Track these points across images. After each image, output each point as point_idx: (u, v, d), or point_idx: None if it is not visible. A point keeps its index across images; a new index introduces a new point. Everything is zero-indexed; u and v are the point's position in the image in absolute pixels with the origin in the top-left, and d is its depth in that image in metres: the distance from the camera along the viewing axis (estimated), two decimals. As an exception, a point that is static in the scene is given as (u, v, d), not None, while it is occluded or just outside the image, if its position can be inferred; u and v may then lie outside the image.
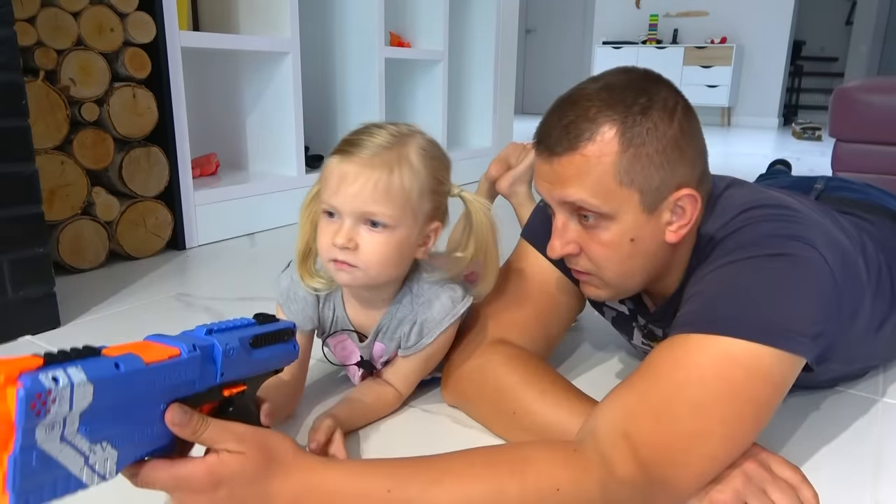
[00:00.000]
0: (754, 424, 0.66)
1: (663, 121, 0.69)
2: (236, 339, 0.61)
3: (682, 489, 0.65)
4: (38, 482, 0.47)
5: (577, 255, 0.76)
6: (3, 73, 1.09)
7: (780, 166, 2.19)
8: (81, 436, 0.49)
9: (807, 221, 0.73)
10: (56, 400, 0.45)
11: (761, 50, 6.78)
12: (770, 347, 0.64)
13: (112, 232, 1.64)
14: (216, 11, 2.13)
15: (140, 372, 0.52)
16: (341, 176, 0.76)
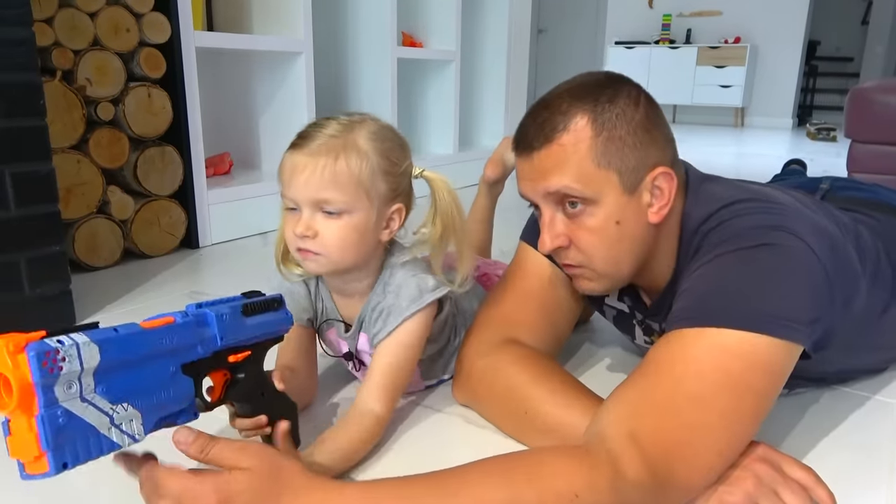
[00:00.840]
0: (754, 415, 0.66)
1: (629, 107, 0.74)
2: (227, 307, 0.66)
3: (690, 485, 0.65)
4: (69, 439, 0.50)
5: (567, 247, 0.78)
6: (22, 73, 1.11)
7: (795, 166, 2.17)
8: (100, 396, 0.52)
9: (790, 213, 0.75)
10: (65, 358, 0.49)
11: (775, 50, 6.73)
12: (764, 336, 0.65)
13: (127, 230, 1.66)
14: (230, 12, 2.14)
15: (138, 334, 0.57)
16: (292, 168, 0.78)
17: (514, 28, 3.06)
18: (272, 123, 2.17)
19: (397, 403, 0.86)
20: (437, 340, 0.95)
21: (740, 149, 4.88)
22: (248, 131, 2.23)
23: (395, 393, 0.85)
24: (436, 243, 0.86)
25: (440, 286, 0.86)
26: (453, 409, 0.94)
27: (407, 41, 2.69)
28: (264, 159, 2.21)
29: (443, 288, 0.86)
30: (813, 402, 0.97)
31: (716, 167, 3.69)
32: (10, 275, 1.14)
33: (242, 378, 0.69)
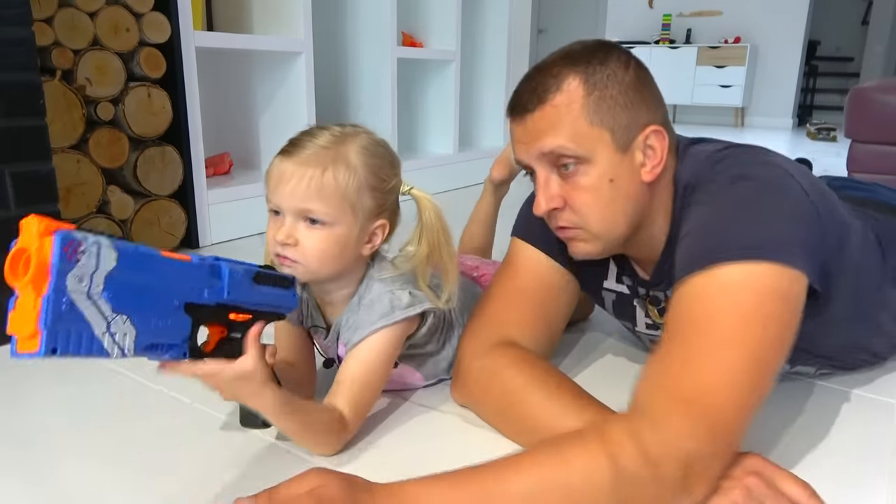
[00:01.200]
0: (779, 343, 0.66)
1: (620, 69, 0.76)
2: (241, 268, 0.69)
3: (738, 425, 0.63)
4: (65, 328, 0.52)
5: (562, 209, 0.79)
6: (22, 72, 1.11)
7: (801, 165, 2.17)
8: (105, 300, 0.54)
9: (778, 156, 0.77)
10: (86, 252, 0.52)
11: (775, 50, 6.73)
12: (765, 262, 0.65)
13: (127, 230, 1.66)
14: (230, 11, 2.14)
15: (156, 258, 0.59)
16: (279, 175, 0.79)
17: (514, 28, 3.06)
18: (272, 123, 2.17)
19: (364, 418, 0.85)
20: (426, 346, 0.95)
21: (740, 149, 4.88)
22: (247, 131, 2.23)
23: (360, 405, 0.83)
24: (421, 261, 0.86)
25: (415, 304, 0.85)
26: (452, 409, 0.94)
27: (407, 41, 2.69)
28: (264, 159, 2.21)
29: (418, 306, 0.85)
30: (811, 402, 0.97)
31: (716, 167, 3.69)
32: (9, 275, 1.14)
33: (237, 339, 0.70)
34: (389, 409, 0.95)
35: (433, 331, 0.93)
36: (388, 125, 2.47)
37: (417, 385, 1.00)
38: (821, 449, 0.85)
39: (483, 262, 1.23)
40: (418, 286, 0.87)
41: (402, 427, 0.90)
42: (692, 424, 0.61)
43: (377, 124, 2.46)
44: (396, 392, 0.99)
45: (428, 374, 0.99)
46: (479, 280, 1.13)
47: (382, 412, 0.93)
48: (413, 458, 0.83)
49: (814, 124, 5.62)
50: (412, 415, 0.93)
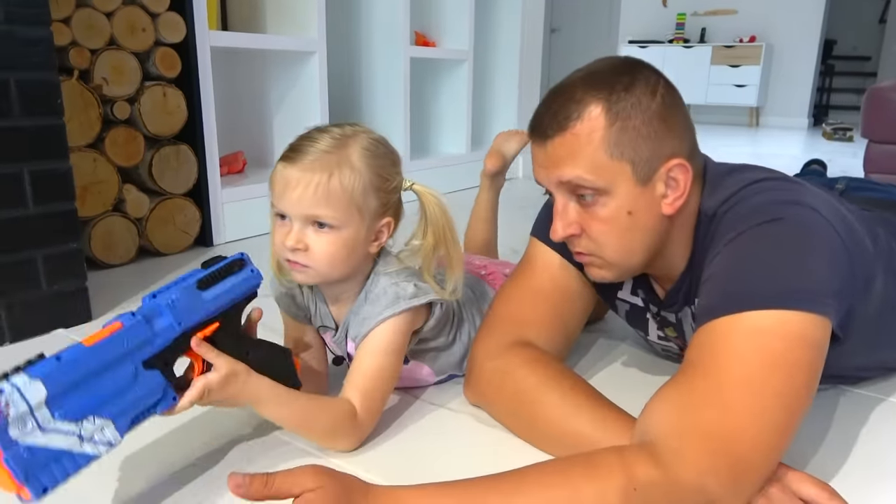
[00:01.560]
0: (806, 388, 0.65)
1: (646, 95, 0.73)
2: (178, 290, 0.68)
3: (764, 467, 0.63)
4: (41, 468, 0.54)
5: (579, 235, 0.78)
6: (41, 72, 1.12)
7: (815, 166, 2.14)
8: (60, 420, 0.56)
9: (808, 191, 0.74)
10: (9, 404, 0.53)
11: (791, 49, 6.66)
12: (795, 311, 0.65)
13: (142, 228, 1.67)
14: (244, 11, 2.15)
15: (81, 354, 0.59)
16: (284, 181, 0.79)
17: (526, 27, 3.05)
18: (285, 123, 2.18)
19: (379, 413, 0.85)
20: (436, 340, 0.95)
21: (755, 149, 4.85)
22: (261, 130, 2.24)
23: (373, 399, 0.83)
24: (427, 254, 0.87)
25: (420, 294, 0.85)
26: (464, 408, 0.95)
27: (420, 41, 2.69)
28: (277, 158, 2.22)
29: (422, 296, 0.85)
30: (823, 404, 0.96)
31: (730, 167, 3.66)
32: (28, 272, 1.16)
33: (221, 347, 0.71)
34: (401, 406, 0.95)
35: (442, 324, 0.94)
36: (400, 124, 2.48)
37: (428, 381, 1.00)
38: (850, 456, 0.84)
39: (491, 261, 1.23)
40: (423, 279, 0.88)
41: (413, 425, 0.90)
42: (714, 462, 0.61)
43: (389, 124, 2.49)
44: (408, 390, 0.99)
45: (439, 369, 0.99)
46: (487, 279, 1.13)
47: (394, 410, 0.94)
48: (424, 456, 0.84)
49: (830, 124, 5.56)
50: (424, 413, 0.94)
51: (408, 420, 0.91)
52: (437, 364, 0.98)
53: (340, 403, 0.80)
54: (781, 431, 0.63)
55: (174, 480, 0.77)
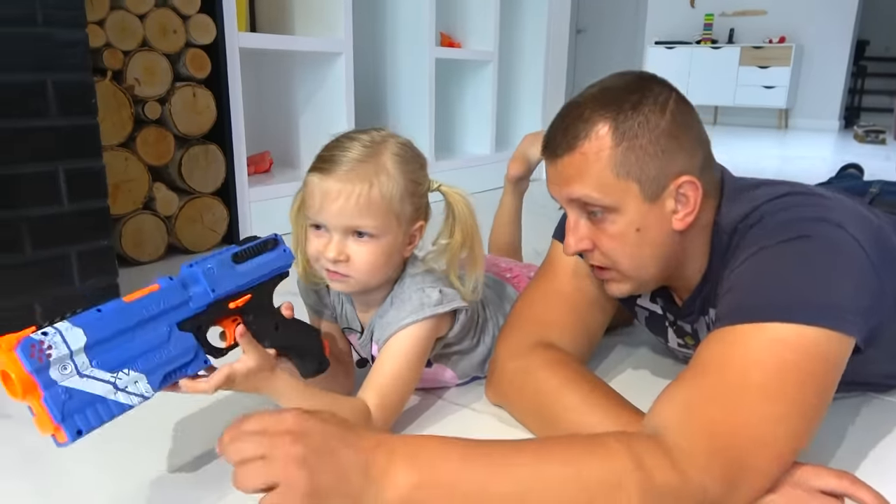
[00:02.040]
0: (819, 402, 0.65)
1: (654, 113, 0.73)
2: (214, 261, 0.71)
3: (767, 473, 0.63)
4: (77, 410, 0.57)
5: (591, 250, 0.79)
6: (77, 73, 1.15)
7: (852, 170, 2.10)
8: (97, 368, 0.59)
9: (833, 205, 0.74)
10: (51, 346, 0.56)
11: (822, 50, 6.55)
12: (816, 327, 0.64)
13: (171, 226, 1.70)
14: (272, 13, 2.18)
15: (120, 308, 0.63)
16: (323, 194, 0.79)
17: (552, 28, 3.05)
18: (311, 123, 2.20)
19: (395, 416, 0.85)
20: (461, 343, 0.96)
21: (784, 151, 4.77)
22: (287, 130, 2.27)
23: (390, 402, 0.83)
24: (454, 254, 0.88)
25: (444, 302, 0.86)
26: (486, 408, 0.95)
27: (445, 41, 2.70)
28: (303, 158, 2.25)
29: (447, 304, 0.86)
30: (848, 410, 0.95)
31: (759, 171, 3.60)
32: (62, 268, 1.19)
33: (252, 319, 0.74)
34: (423, 406, 0.96)
35: (466, 329, 0.94)
36: (425, 125, 2.49)
37: (451, 384, 1.01)
38: (875, 462, 0.83)
39: (516, 263, 1.23)
40: (449, 282, 0.88)
41: (435, 425, 0.91)
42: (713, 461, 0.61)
43: (415, 124, 2.50)
44: (430, 390, 1.00)
45: (461, 372, 1.00)
46: (511, 281, 1.14)
47: (416, 409, 0.95)
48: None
49: (861, 126, 5.45)
50: (445, 413, 0.94)
51: (429, 420, 0.92)
52: (459, 367, 0.99)
53: (355, 403, 0.81)
54: (788, 439, 0.63)
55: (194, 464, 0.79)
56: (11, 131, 1.09)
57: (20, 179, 1.11)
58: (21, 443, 0.85)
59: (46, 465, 0.81)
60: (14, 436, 0.87)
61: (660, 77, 0.77)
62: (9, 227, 1.11)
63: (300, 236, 0.88)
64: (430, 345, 0.88)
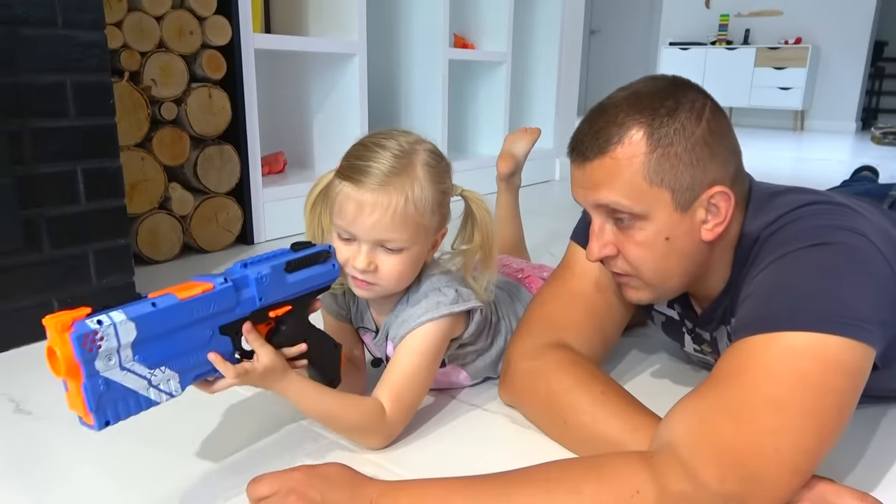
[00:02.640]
0: (838, 414, 0.63)
1: (690, 121, 0.71)
2: (268, 267, 0.71)
3: (781, 486, 0.62)
4: (111, 401, 0.59)
5: (615, 256, 0.77)
6: (95, 74, 1.17)
7: (866, 172, 2.08)
8: (138, 363, 0.60)
9: (855, 215, 0.72)
10: (104, 337, 0.57)
11: (839, 51, 6.48)
12: (834, 336, 0.63)
13: (186, 226, 1.72)
14: (287, 15, 2.19)
15: (175, 306, 0.63)
16: (357, 206, 0.78)
17: (566, 29, 3.04)
18: (326, 124, 2.21)
19: (410, 414, 0.86)
20: (475, 344, 0.96)
21: (800, 153, 4.73)
22: (301, 131, 2.28)
23: (406, 400, 0.83)
24: (471, 256, 0.88)
25: (460, 301, 0.86)
26: (499, 409, 0.95)
27: (458, 42, 2.71)
28: (317, 159, 2.26)
29: (463, 303, 0.86)
30: (865, 421, 0.94)
31: (775, 173, 3.57)
32: (79, 266, 1.21)
33: (284, 328, 0.74)
34: (436, 406, 0.96)
35: (481, 329, 0.94)
36: (438, 126, 2.49)
37: (464, 385, 1.01)
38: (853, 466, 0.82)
39: (528, 264, 1.24)
40: (465, 283, 0.89)
41: (448, 425, 0.91)
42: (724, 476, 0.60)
43: (428, 125, 2.50)
44: (444, 390, 1.00)
45: (474, 373, 1.00)
46: (523, 282, 1.14)
47: (429, 409, 0.95)
48: (457, 456, 0.84)
49: (879, 128, 5.39)
50: (459, 413, 0.95)
51: (443, 419, 0.92)
52: (473, 368, 0.99)
53: (370, 402, 0.81)
54: (804, 452, 0.62)
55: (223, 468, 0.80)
56: (31, 131, 1.11)
57: (39, 179, 1.13)
58: (39, 439, 0.87)
59: (63, 462, 0.82)
60: (33, 432, 0.89)
61: (694, 83, 0.75)
62: (28, 225, 1.13)
63: (316, 233, 0.88)
64: (445, 343, 0.88)
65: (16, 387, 1.01)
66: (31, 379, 1.03)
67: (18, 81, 1.08)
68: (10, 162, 1.07)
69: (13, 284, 1.13)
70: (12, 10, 1.06)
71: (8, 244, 1.10)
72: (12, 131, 1.08)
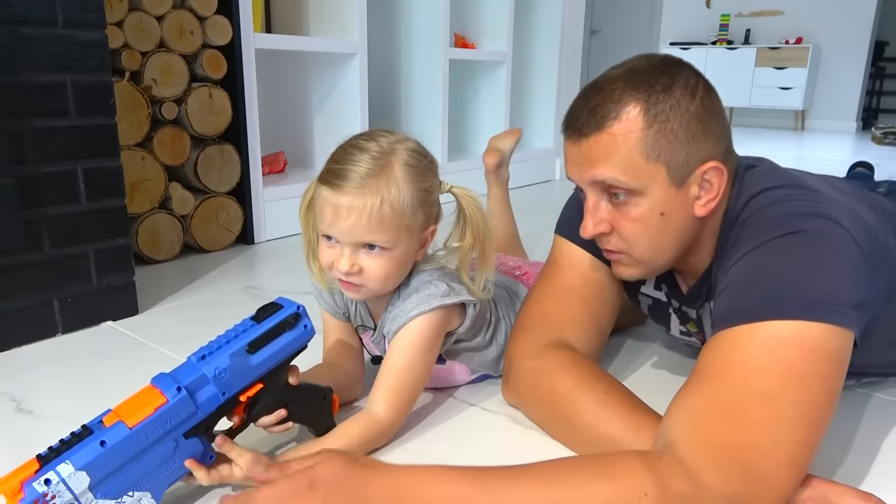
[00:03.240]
0: (826, 400, 0.64)
1: (685, 98, 0.72)
2: (227, 357, 0.67)
3: (781, 484, 0.62)
4: None
5: (609, 233, 0.78)
6: (96, 74, 1.17)
7: (861, 169, 2.08)
8: (102, 499, 0.58)
9: (825, 199, 0.73)
10: (55, 496, 0.55)
11: (840, 51, 6.48)
12: (816, 322, 0.64)
13: (186, 225, 1.72)
14: (288, 14, 2.19)
15: (125, 439, 0.60)
16: (334, 209, 0.78)
17: (566, 29, 3.04)
18: (326, 123, 2.21)
19: (408, 409, 0.85)
20: (472, 340, 0.96)
21: (801, 153, 4.73)
22: (302, 131, 2.28)
23: (402, 395, 0.83)
24: (465, 255, 0.88)
25: (452, 294, 0.86)
26: (499, 408, 0.95)
27: (459, 42, 2.71)
28: (317, 159, 2.26)
29: (455, 296, 0.86)
30: (868, 414, 0.94)
31: (773, 171, 3.57)
32: (80, 265, 1.21)
33: (261, 401, 0.72)
34: (435, 405, 0.96)
35: (478, 325, 0.94)
36: (438, 126, 2.49)
37: (463, 380, 1.01)
38: (884, 465, 0.83)
39: (525, 261, 1.24)
40: (459, 279, 0.89)
41: (446, 423, 0.91)
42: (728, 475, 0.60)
43: (428, 125, 2.50)
44: (442, 389, 1.00)
45: (474, 368, 1.00)
46: (521, 279, 1.14)
47: (428, 407, 0.95)
48: (457, 455, 0.84)
49: (879, 128, 5.39)
50: (458, 412, 0.95)
51: (442, 419, 0.92)
52: (472, 363, 0.99)
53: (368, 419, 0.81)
54: (800, 443, 0.62)
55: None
56: (32, 131, 1.11)
57: (40, 178, 1.13)
58: (40, 439, 0.87)
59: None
60: (33, 432, 0.89)
61: (687, 62, 0.76)
62: (28, 225, 1.13)
63: (311, 238, 0.88)
64: (439, 336, 0.88)
65: (16, 386, 1.01)
66: (31, 378, 1.03)
67: (19, 81, 1.08)
68: (10, 161, 1.07)
69: (13, 284, 1.13)
70: (13, 10, 1.06)
71: (8, 244, 1.10)
72: (13, 131, 1.08)
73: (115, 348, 1.15)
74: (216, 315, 1.32)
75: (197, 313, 1.33)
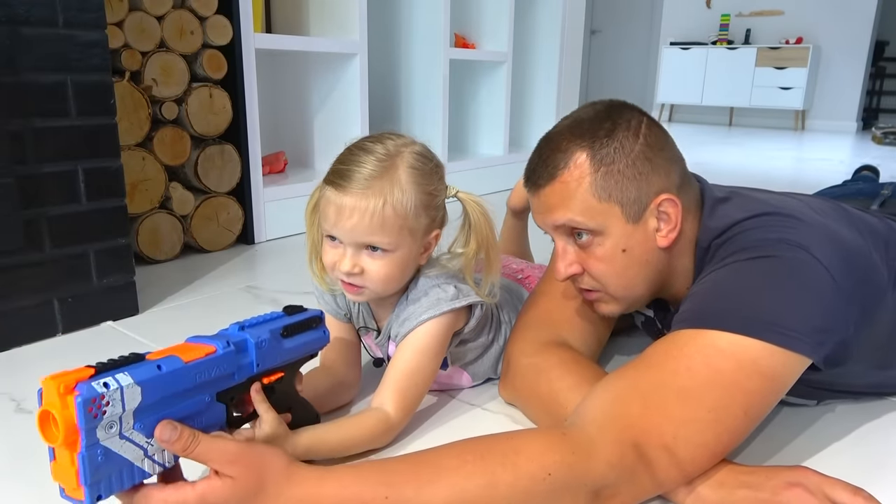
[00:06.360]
0: (745, 414, 0.67)
1: (628, 139, 0.77)
2: (267, 331, 0.69)
3: (670, 475, 0.66)
4: (105, 474, 0.54)
5: (581, 274, 0.82)
6: (96, 74, 1.17)
7: (866, 172, 2.08)
8: (138, 431, 0.56)
9: (801, 226, 0.75)
10: (109, 402, 0.53)
11: (840, 51, 6.48)
12: (758, 340, 0.66)
13: (186, 225, 1.72)
14: (288, 14, 2.19)
15: (181, 370, 0.59)
16: (337, 210, 0.79)
17: (566, 29, 3.04)
18: (326, 124, 2.21)
19: (413, 412, 0.86)
20: (476, 340, 0.96)
21: (801, 153, 4.72)
22: (302, 131, 2.28)
23: (409, 397, 0.84)
24: (469, 259, 0.88)
25: (460, 297, 0.86)
26: (499, 408, 0.95)
27: (459, 42, 2.71)
28: (318, 159, 2.26)
29: (463, 299, 0.86)
30: (864, 414, 0.94)
31: (775, 173, 3.57)
32: (80, 265, 1.21)
33: (273, 395, 0.72)
34: (437, 406, 0.96)
35: (482, 326, 0.94)
36: (438, 126, 2.49)
37: (465, 386, 1.01)
38: (878, 463, 0.83)
39: (528, 264, 1.24)
40: (464, 282, 0.89)
41: (447, 424, 0.91)
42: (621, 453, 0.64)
43: (428, 125, 2.50)
44: (444, 390, 1.00)
45: (476, 374, 1.00)
46: (523, 282, 1.14)
47: (429, 408, 0.95)
48: (459, 454, 0.84)
49: (880, 128, 5.39)
50: (459, 412, 0.95)
51: (443, 420, 0.92)
52: (474, 368, 0.99)
53: (370, 417, 0.81)
54: (701, 446, 0.65)
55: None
56: (32, 131, 1.11)
57: (40, 178, 1.13)
58: (40, 439, 0.86)
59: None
60: (33, 432, 0.88)
61: (630, 103, 0.81)
62: (29, 225, 1.13)
63: (315, 240, 0.88)
64: (447, 340, 0.88)
65: (16, 386, 1.01)
66: (31, 378, 1.03)
67: (19, 81, 1.08)
68: (10, 161, 1.07)
69: (14, 284, 1.13)
70: (13, 10, 1.06)
71: (9, 244, 1.10)
72: (13, 131, 1.08)
73: (116, 348, 1.15)
74: (216, 315, 1.32)
75: (197, 313, 1.33)
